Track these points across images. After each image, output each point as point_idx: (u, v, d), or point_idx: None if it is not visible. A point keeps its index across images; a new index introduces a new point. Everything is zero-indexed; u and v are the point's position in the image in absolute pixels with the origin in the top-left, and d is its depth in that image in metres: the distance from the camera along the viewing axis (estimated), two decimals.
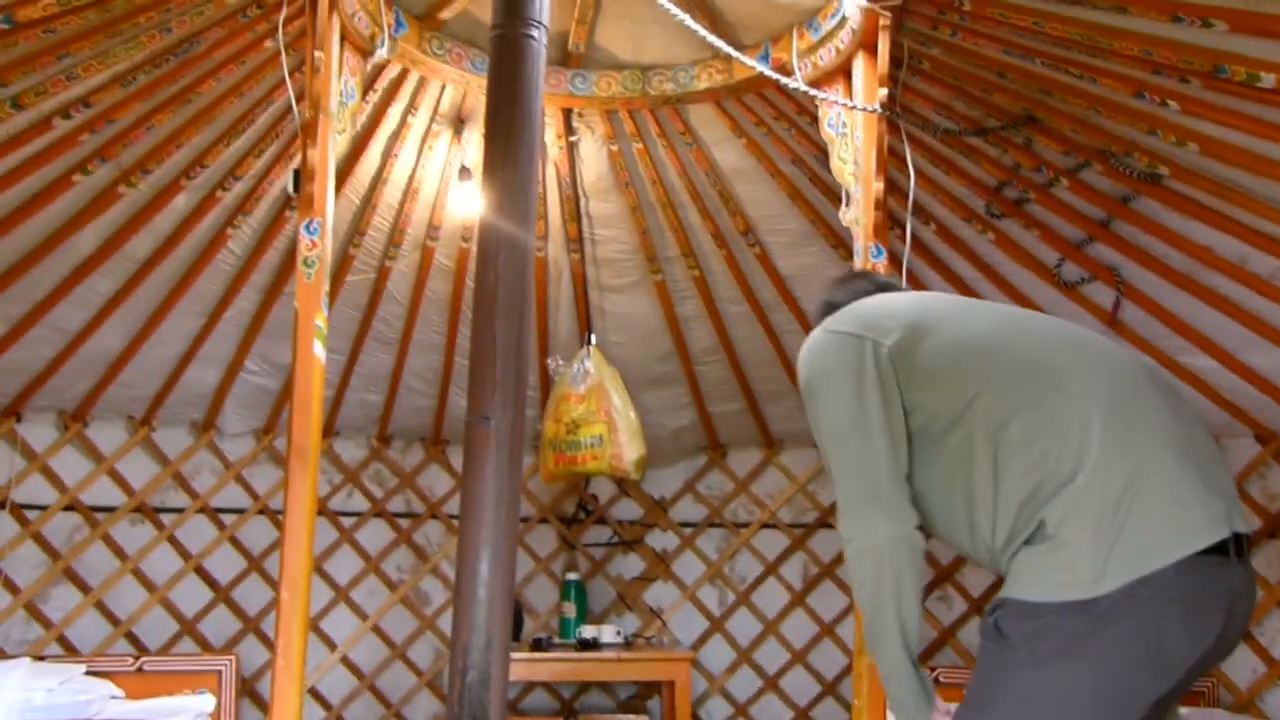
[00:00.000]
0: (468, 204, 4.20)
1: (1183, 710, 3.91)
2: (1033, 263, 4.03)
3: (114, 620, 4.83)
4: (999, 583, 1.80)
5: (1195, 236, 3.57)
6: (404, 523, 5.41)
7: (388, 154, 4.12)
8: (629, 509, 5.56)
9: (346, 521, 5.34)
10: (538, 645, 4.87)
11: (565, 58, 3.82)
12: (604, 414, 4.61)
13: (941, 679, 4.64)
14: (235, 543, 5.12)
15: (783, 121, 3.90)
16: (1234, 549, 1.72)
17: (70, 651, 4.68)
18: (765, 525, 5.44)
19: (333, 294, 4.48)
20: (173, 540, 5.02)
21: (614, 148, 4.14)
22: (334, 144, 3.20)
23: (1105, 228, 3.74)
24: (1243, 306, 3.73)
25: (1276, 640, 4.39)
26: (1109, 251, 3.83)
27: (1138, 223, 3.65)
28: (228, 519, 5.14)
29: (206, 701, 4.34)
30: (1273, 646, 4.39)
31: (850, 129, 3.32)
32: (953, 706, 1.88)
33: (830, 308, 2.28)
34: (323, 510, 5.22)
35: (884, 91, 3.19)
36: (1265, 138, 3.00)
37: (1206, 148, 3.18)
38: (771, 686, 5.30)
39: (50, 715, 3.84)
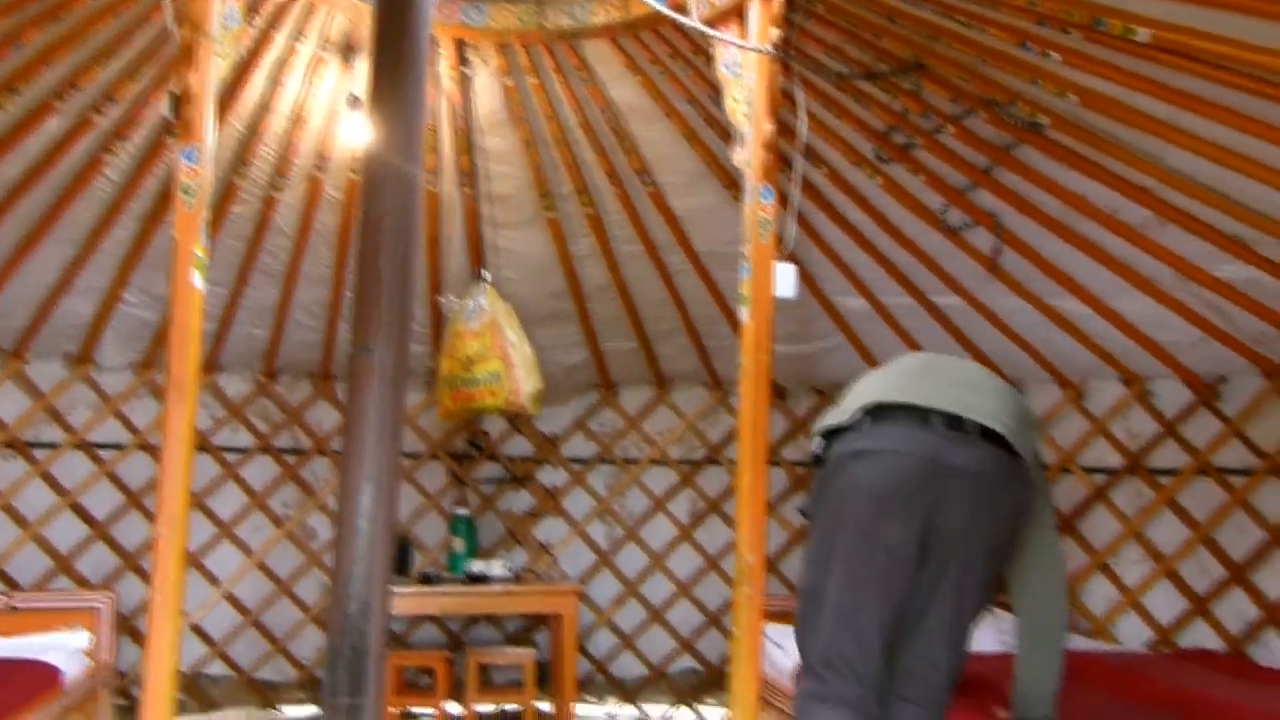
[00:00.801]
0: (357, 134, 4.10)
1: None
2: (919, 207, 4.13)
3: None
4: None
5: (1071, 185, 3.69)
6: (291, 459, 5.35)
7: (273, 81, 4.00)
8: (520, 445, 5.58)
9: (231, 457, 5.25)
10: (426, 580, 4.88)
11: None
12: (499, 350, 4.61)
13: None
14: (114, 478, 5.00)
15: (679, 60, 3.90)
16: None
17: None
18: (654, 462, 5.52)
19: (215, 224, 4.37)
20: (46, 476, 4.87)
21: (508, 82, 4.08)
22: (215, 68, 3.09)
23: (988, 175, 3.85)
24: (1112, 254, 3.89)
25: (1129, 570, 4.65)
26: (991, 198, 3.94)
27: (1018, 170, 3.76)
28: (106, 454, 5.00)
29: (81, 638, 4.26)
30: (1125, 575, 4.65)
31: (744, 70, 3.33)
32: None
33: None
34: (206, 446, 5.12)
35: (777, 33, 3.21)
36: (1140, 91, 3.11)
37: (1085, 99, 3.28)
38: (657, 619, 5.42)
39: None
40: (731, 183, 4.32)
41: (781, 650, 4.06)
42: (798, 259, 4.33)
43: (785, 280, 3.20)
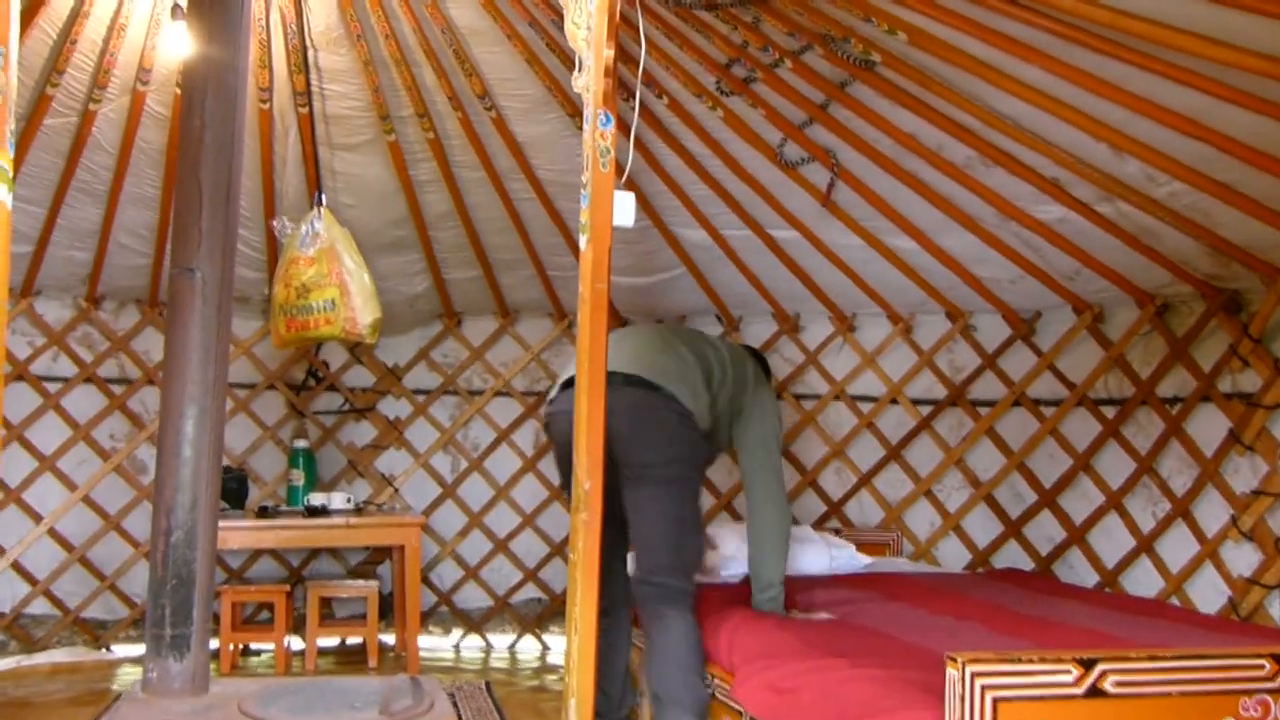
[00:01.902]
0: (182, 46, 3.89)
1: (865, 558, 4.34)
2: (758, 141, 4.20)
3: None
4: None
5: (902, 123, 3.81)
6: (117, 389, 5.14)
7: None
8: (361, 376, 5.50)
9: (52, 387, 5.02)
10: (264, 513, 4.79)
11: None
12: (336, 277, 4.48)
13: None
14: None
15: None
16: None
17: None
18: (499, 393, 5.52)
19: (26, 137, 4.12)
20: None
21: None
22: None
23: (824, 110, 3.93)
24: (938, 191, 4.04)
25: (951, 496, 4.92)
26: (826, 134, 4.03)
27: (853, 107, 3.85)
28: None
29: None
30: (948, 502, 4.92)
31: None
32: None
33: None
34: (24, 375, 4.88)
35: None
36: (964, 32, 3.21)
37: (913, 37, 3.37)
38: (501, 548, 5.46)
39: None
40: (574, 110, 4.29)
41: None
42: (638, 189, 4.37)
43: (624, 209, 3.20)
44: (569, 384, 3.24)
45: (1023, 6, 3.01)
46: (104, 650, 5.03)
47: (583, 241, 3.20)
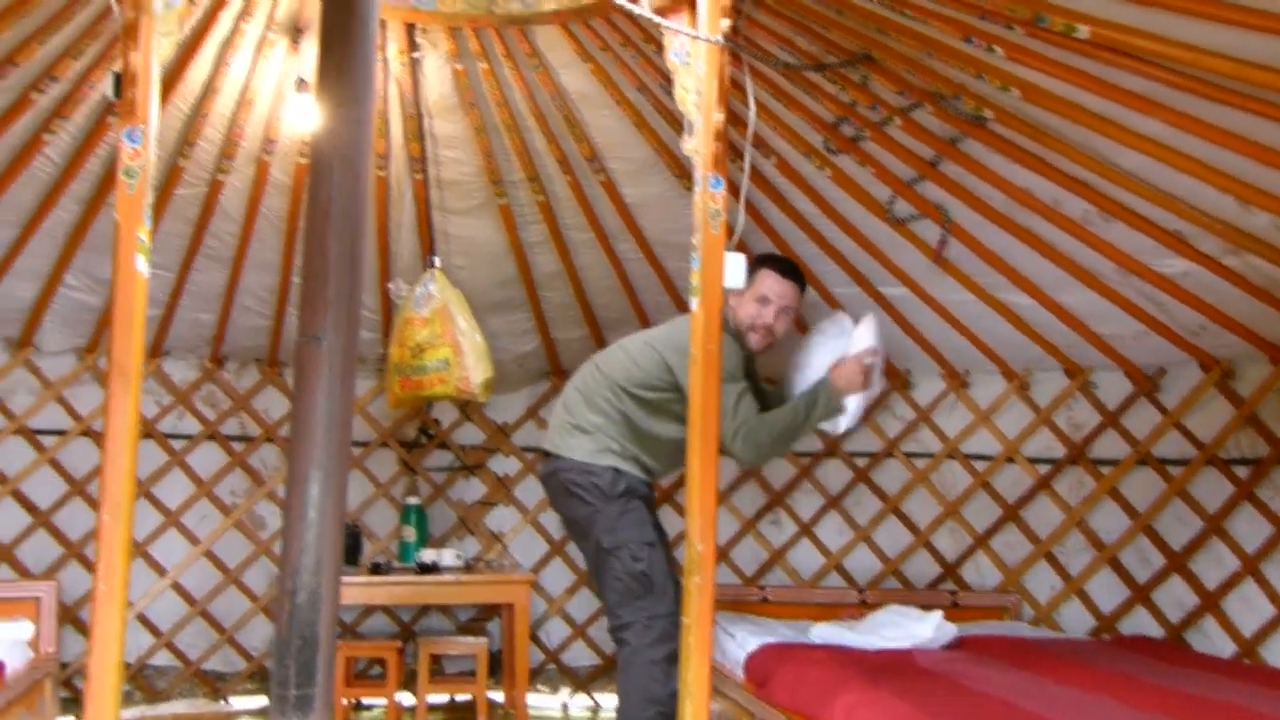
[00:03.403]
0: (305, 118, 4.05)
1: (991, 623, 4.19)
2: (867, 199, 4.17)
3: None
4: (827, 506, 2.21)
5: (1015, 179, 3.75)
6: (238, 446, 5.29)
7: (219, 62, 3.93)
8: (471, 434, 5.57)
9: (177, 444, 5.19)
10: (377, 569, 4.86)
11: None
12: (449, 337, 4.58)
13: (770, 598, 4.85)
14: (56, 465, 4.93)
15: (629, 48, 3.89)
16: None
17: None
18: None
19: (160, 207, 4.31)
20: None
21: (459, 67, 4.05)
22: (158, 48, 3.03)
23: (934, 167, 3.89)
24: (1056, 247, 3.95)
25: (1073, 559, 4.74)
26: (937, 190, 3.99)
27: (964, 163, 3.81)
28: (47, 440, 4.93)
29: (24, 629, 4.20)
30: (1070, 565, 4.75)
31: (694, 59, 3.32)
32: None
33: None
34: (151, 433, 5.06)
35: (727, 23, 3.21)
36: (1080, 86, 3.16)
37: (1027, 93, 3.33)
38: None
39: None
40: (682, 171, 4.33)
41: (733, 639, 4.11)
42: (747, 248, 4.37)
43: (735, 270, 3.21)
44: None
45: (1140, 60, 2.95)
46: (222, 702, 5.14)
47: (694, 303, 3.22)
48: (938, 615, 4.01)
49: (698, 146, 3.29)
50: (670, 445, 3.60)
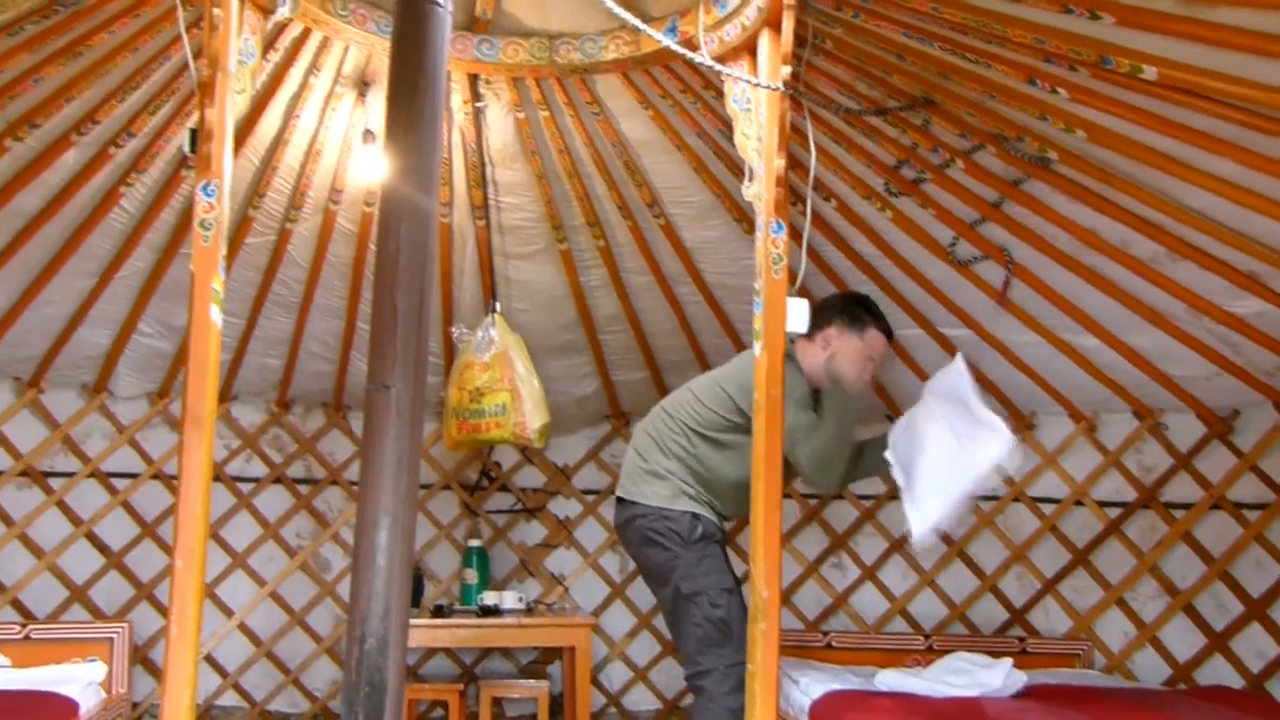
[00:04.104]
0: (371, 168, 4.14)
1: (1062, 671, 4.09)
2: (929, 240, 4.15)
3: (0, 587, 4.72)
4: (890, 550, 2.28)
5: (1081, 219, 3.71)
6: (304, 488, 5.36)
7: (289, 115, 4.03)
8: (532, 476, 5.59)
9: (245, 487, 5.27)
10: (439, 611, 4.87)
11: (472, 23, 3.78)
12: (508, 382, 4.61)
13: (834, 644, 4.78)
14: (128, 507, 5.02)
15: (689, 95, 3.93)
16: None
17: None
18: None
19: (230, 256, 4.40)
20: (62, 505, 4.91)
21: (520, 115, 4.12)
22: (232, 104, 3.12)
23: (997, 208, 3.86)
24: (1123, 288, 3.90)
25: (1146, 606, 4.63)
26: (1000, 231, 3.95)
27: (1028, 204, 3.77)
28: (120, 483, 5.03)
29: (97, 670, 4.26)
30: (1143, 611, 4.63)
31: (754, 105, 3.35)
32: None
33: None
34: (220, 476, 5.14)
35: (787, 69, 3.23)
36: (1147, 126, 3.12)
37: (1093, 134, 3.29)
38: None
39: None
40: (741, 215, 4.34)
41: (797, 686, 4.06)
42: (808, 292, 4.36)
43: (798, 315, 3.21)
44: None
45: (1210, 99, 2.91)
46: None
47: (757, 348, 3.22)
48: (1007, 663, 3.93)
49: (759, 192, 3.31)
50: (737, 489, 3.49)
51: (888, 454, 3.45)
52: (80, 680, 4.03)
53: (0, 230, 4.08)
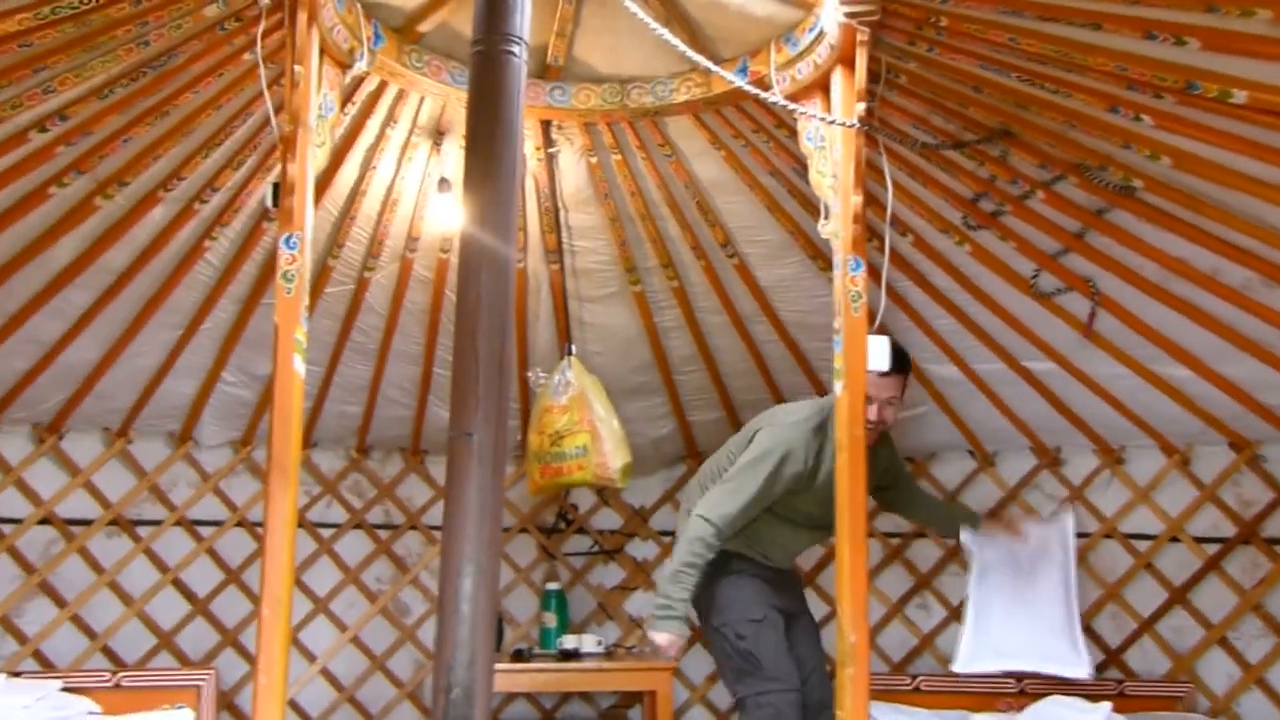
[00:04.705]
0: (447, 215, 4.19)
1: (1163, 715, 3.95)
2: (1009, 273, 4.07)
3: (90, 634, 4.80)
4: None
5: (1169, 248, 3.61)
6: (383, 534, 5.39)
7: (366, 166, 4.11)
8: (609, 518, 5.57)
9: (325, 533, 5.32)
10: (519, 656, 4.86)
11: (544, 70, 3.83)
12: (587, 424, 4.61)
13: (922, 687, 4.66)
14: (213, 555, 5.09)
15: (761, 134, 3.92)
16: None
17: (46, 667, 4.65)
18: None
19: (311, 306, 4.46)
20: (149, 553, 4.99)
21: (593, 159, 4.15)
22: (313, 157, 3.19)
23: (1080, 239, 3.78)
24: (1215, 317, 3.78)
25: (1251, 646, 4.44)
26: (1084, 262, 3.87)
27: (1112, 234, 3.69)
28: (205, 531, 5.11)
29: (185, 717, 4.31)
30: (1247, 652, 4.44)
31: (829, 143, 3.33)
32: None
33: None
34: (301, 522, 5.19)
35: (862, 106, 3.21)
36: (1237, 152, 3.04)
37: (1180, 161, 3.21)
38: None
39: None
40: (816, 252, 4.31)
41: None
42: (887, 329, 4.31)
43: (878, 353, 3.17)
44: None
45: None
46: None
47: (837, 387, 3.18)
48: (1105, 707, 3.79)
49: (836, 229, 3.28)
50: (771, 535, 3.70)
51: (965, 540, 3.77)
52: None
53: (90, 286, 4.19)
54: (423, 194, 4.27)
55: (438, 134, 4.06)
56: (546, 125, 4.03)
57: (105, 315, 4.32)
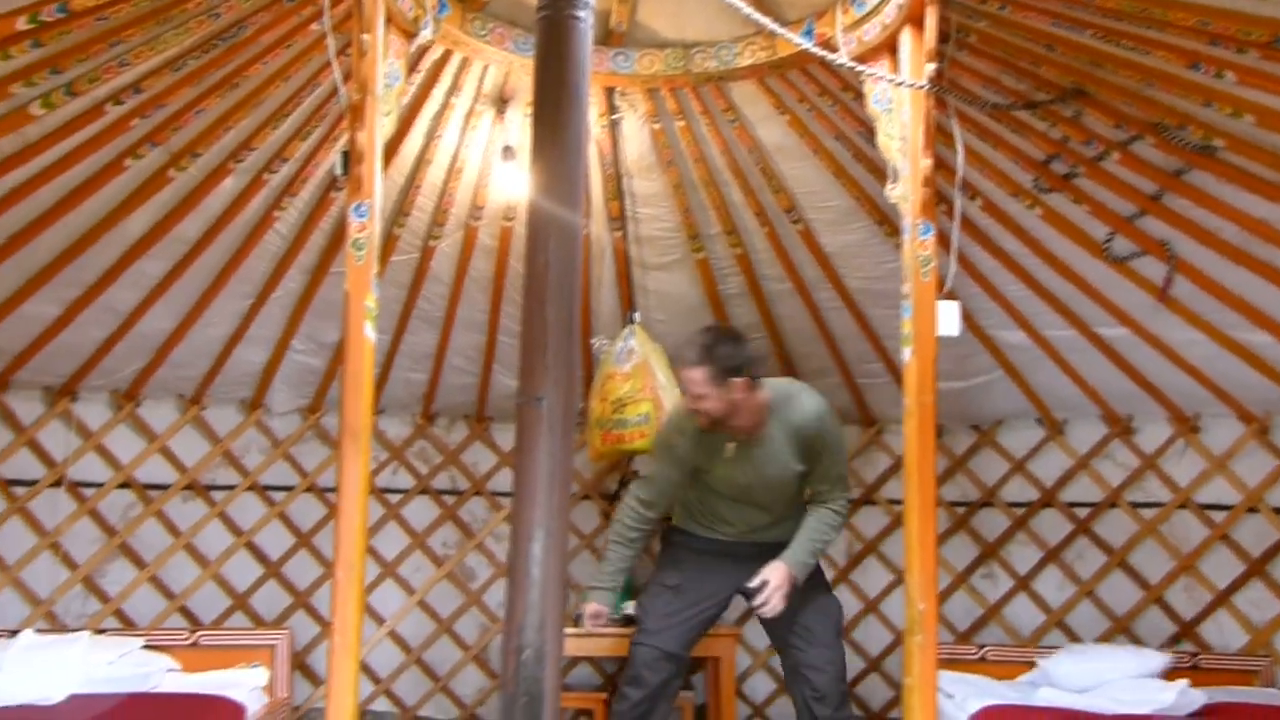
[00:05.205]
0: (511, 184, 4.20)
1: (1241, 689, 3.86)
2: (1082, 237, 3.99)
3: (168, 595, 4.95)
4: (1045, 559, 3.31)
5: (1250, 209, 3.51)
6: (449, 499, 5.46)
7: (431, 135, 4.13)
8: None
9: (393, 498, 5.40)
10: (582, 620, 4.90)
11: (607, 36, 3.81)
12: (649, 391, 4.61)
13: (989, 657, 4.62)
14: (284, 519, 5.20)
15: (826, 98, 3.87)
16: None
17: (127, 625, 4.80)
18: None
19: (379, 274, 4.52)
20: (224, 517, 5.11)
21: (656, 126, 4.12)
22: (381, 126, 3.21)
23: (1157, 201, 3.69)
24: None
25: None
26: (1160, 225, 3.77)
27: (1190, 195, 3.59)
28: (276, 496, 5.22)
29: (260, 675, 4.43)
30: None
31: (897, 105, 3.27)
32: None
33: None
34: (370, 488, 5.27)
35: (931, 66, 3.14)
36: None
37: (1264, 119, 3.12)
38: None
39: (111, 687, 3.94)
40: (883, 218, 4.25)
41: (951, 700, 3.94)
42: (956, 294, 4.24)
43: (949, 319, 3.12)
44: None
45: None
46: None
47: (906, 353, 3.14)
48: (1182, 681, 3.72)
49: (905, 193, 3.23)
50: (704, 507, 3.94)
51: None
52: (245, 685, 4.20)
53: (164, 256, 4.28)
54: (486, 162, 4.29)
55: (501, 102, 4.07)
56: (610, 92, 4.01)
57: (179, 285, 4.41)
